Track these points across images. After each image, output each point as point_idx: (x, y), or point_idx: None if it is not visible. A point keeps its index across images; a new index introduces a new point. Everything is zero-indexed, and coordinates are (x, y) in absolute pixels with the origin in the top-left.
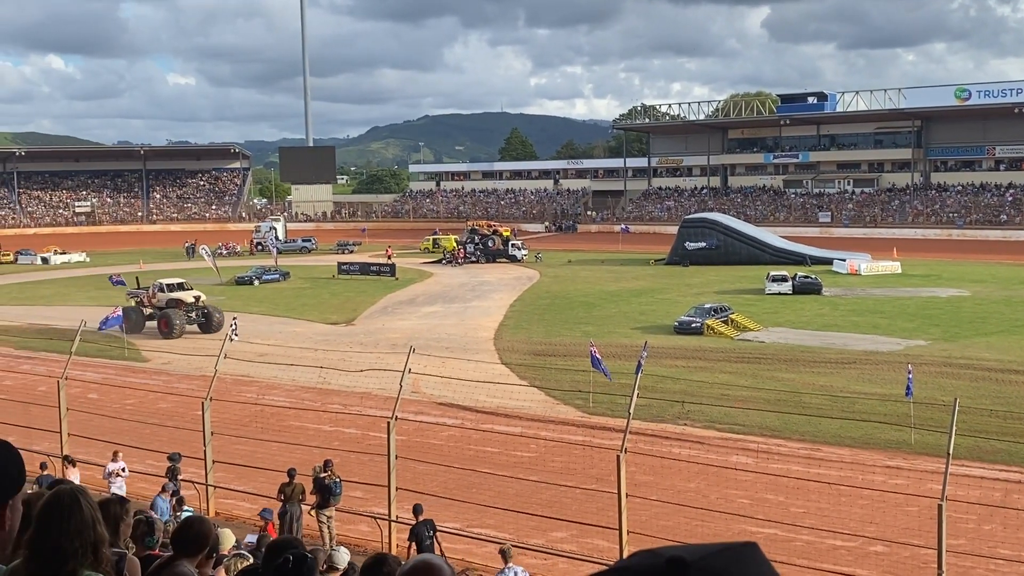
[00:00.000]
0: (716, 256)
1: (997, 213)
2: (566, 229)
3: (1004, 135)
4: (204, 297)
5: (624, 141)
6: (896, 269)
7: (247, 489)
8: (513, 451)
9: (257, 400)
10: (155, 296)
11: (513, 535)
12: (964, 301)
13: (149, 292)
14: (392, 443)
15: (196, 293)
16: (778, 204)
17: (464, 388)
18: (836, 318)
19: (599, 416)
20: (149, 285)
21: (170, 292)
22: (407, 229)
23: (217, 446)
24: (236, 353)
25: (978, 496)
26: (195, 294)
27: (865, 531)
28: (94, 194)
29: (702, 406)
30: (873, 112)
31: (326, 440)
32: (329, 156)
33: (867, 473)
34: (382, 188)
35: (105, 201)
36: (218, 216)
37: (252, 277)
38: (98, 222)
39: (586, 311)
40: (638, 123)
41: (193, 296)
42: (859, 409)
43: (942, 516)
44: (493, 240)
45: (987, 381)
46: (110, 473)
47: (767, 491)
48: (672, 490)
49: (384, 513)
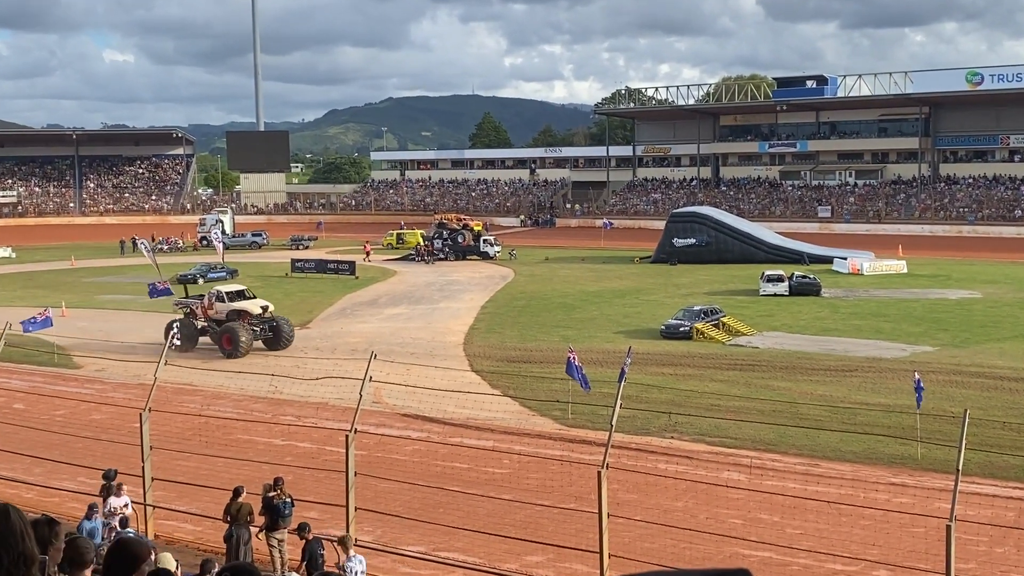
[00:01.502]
0: (706, 254)
1: (1012, 208)
2: (543, 224)
3: (1019, 123)
4: (272, 307)
5: (607, 128)
6: (901, 269)
7: (190, 509)
8: (484, 467)
9: (201, 411)
10: (212, 306)
11: (484, 559)
12: (975, 304)
13: (204, 302)
14: (351, 458)
15: (263, 302)
16: (774, 197)
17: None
18: (836, 322)
19: (578, 429)
20: (203, 294)
21: (231, 301)
22: (368, 223)
23: (157, 462)
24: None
25: (990, 516)
26: (262, 303)
27: (867, 554)
28: (20, 183)
29: (691, 417)
30: (877, 97)
31: (278, 455)
32: (282, 142)
33: (870, 491)
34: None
35: (32, 191)
36: (158, 208)
37: (196, 275)
38: (24, 214)
39: (565, 313)
40: (622, 108)
41: (260, 306)
42: (861, 421)
43: (951, 538)
44: (463, 235)
45: (1000, 391)
46: (111, 512)
47: (761, 510)
48: (658, 509)
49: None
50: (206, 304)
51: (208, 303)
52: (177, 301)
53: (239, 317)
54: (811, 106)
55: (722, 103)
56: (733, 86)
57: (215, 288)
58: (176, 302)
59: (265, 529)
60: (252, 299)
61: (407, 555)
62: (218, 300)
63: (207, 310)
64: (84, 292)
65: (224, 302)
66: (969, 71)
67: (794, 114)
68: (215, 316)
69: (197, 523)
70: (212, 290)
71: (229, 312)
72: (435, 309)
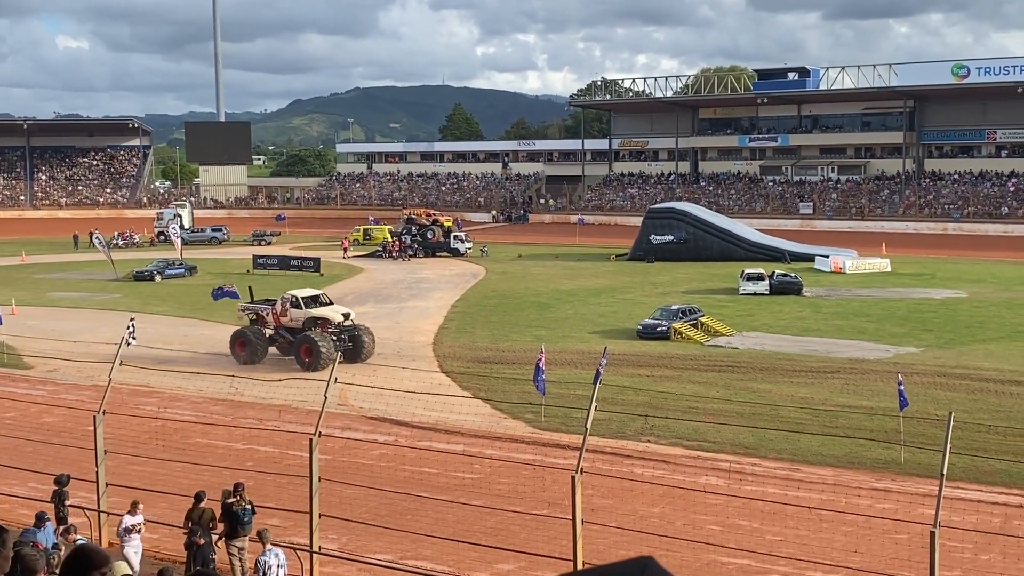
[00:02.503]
0: (685, 251)
1: (998, 205)
2: (516, 219)
3: (1006, 117)
4: (354, 315)
5: (582, 120)
6: (885, 267)
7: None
8: (454, 472)
9: (158, 413)
10: (286, 313)
11: (453, 567)
12: (960, 303)
13: (277, 308)
14: (315, 463)
15: (344, 309)
16: (754, 193)
17: (398, 400)
18: (818, 322)
19: (552, 432)
20: (273, 298)
21: (309, 308)
22: (334, 218)
23: (111, 467)
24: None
25: (975, 522)
26: (343, 310)
27: (849, 561)
28: None
29: (668, 420)
30: (861, 91)
31: (238, 460)
32: (243, 133)
33: (852, 496)
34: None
35: None
36: (114, 201)
37: (153, 272)
38: None
39: (538, 313)
40: (598, 100)
41: (341, 313)
42: (843, 424)
43: (935, 544)
44: (433, 231)
45: (985, 393)
46: (126, 530)
47: (740, 516)
48: (634, 515)
49: (305, 544)
50: (278, 310)
51: (281, 309)
52: (243, 306)
53: (317, 325)
54: (793, 99)
55: (701, 95)
56: (712, 78)
57: (289, 293)
58: (242, 307)
59: (224, 537)
60: (329, 305)
61: (373, 563)
62: (293, 306)
63: (279, 317)
64: (35, 289)
65: (300, 308)
66: (955, 64)
67: (775, 107)
68: (289, 324)
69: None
70: (285, 295)
71: (306, 320)
72: (403, 308)
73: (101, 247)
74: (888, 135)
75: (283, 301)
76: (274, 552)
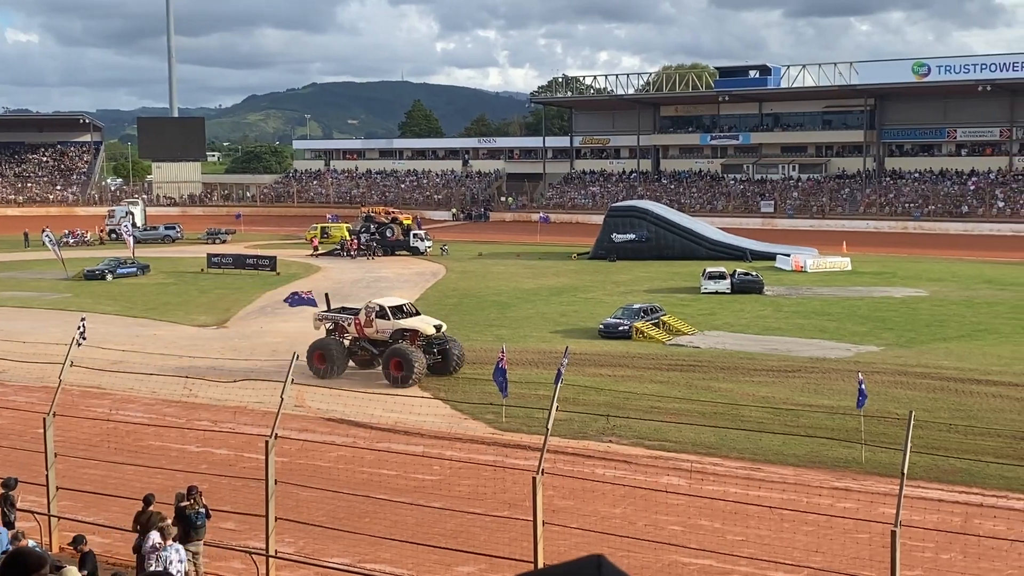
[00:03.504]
0: (646, 250)
1: (958, 204)
2: (476, 217)
3: (966, 116)
4: (445, 327)
5: (543, 117)
6: (846, 266)
7: (97, 520)
8: (413, 474)
9: (110, 416)
10: (371, 324)
11: (413, 570)
12: (921, 302)
13: (360, 318)
14: (271, 466)
15: (435, 321)
16: (716, 191)
17: (357, 401)
18: (779, 321)
19: (513, 432)
20: (355, 308)
21: (397, 318)
22: (291, 215)
23: (61, 470)
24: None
25: (936, 521)
26: (434, 322)
27: (811, 561)
28: None
29: (629, 420)
30: (821, 88)
31: (192, 463)
32: (197, 129)
33: (813, 495)
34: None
35: None
36: (64, 198)
37: (104, 270)
38: None
39: (499, 312)
40: (559, 97)
41: (433, 325)
42: (804, 423)
43: (896, 544)
44: (392, 229)
45: (946, 392)
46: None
47: (701, 516)
48: (595, 516)
49: (261, 547)
50: (362, 320)
51: (366, 319)
52: (321, 315)
53: (405, 337)
54: (754, 97)
55: (662, 93)
56: (674, 75)
57: (374, 302)
58: (319, 316)
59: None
60: (416, 315)
61: (330, 567)
62: (379, 316)
63: (363, 328)
64: None
65: (388, 319)
66: (916, 62)
67: (736, 105)
68: (375, 336)
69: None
70: (370, 304)
71: (394, 332)
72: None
73: (51, 246)
74: (849, 133)
75: (367, 311)
76: (175, 547)
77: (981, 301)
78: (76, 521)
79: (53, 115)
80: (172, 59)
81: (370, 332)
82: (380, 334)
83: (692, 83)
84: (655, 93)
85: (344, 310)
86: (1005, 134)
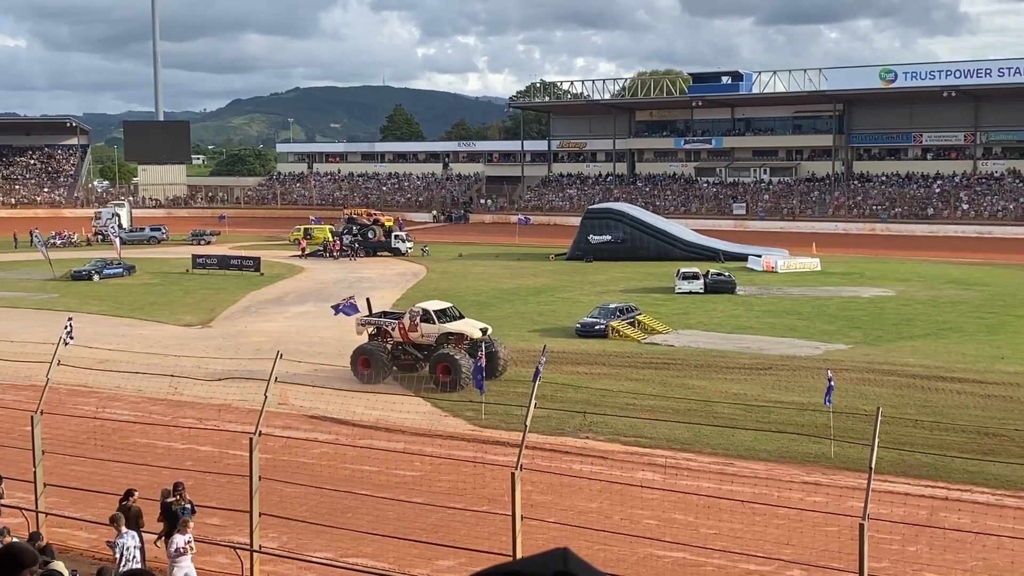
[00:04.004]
0: (622, 251)
1: (924, 206)
2: (456, 219)
3: (932, 121)
4: (491, 329)
5: (522, 122)
6: (815, 266)
7: (84, 516)
8: (395, 470)
9: (96, 413)
10: (416, 328)
11: (394, 564)
12: (888, 302)
13: (404, 322)
14: (255, 462)
15: (481, 324)
16: (689, 194)
17: (339, 399)
18: (751, 320)
19: (492, 429)
20: (398, 312)
21: (442, 322)
22: (274, 217)
23: (49, 467)
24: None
25: (903, 514)
26: (480, 325)
27: (781, 553)
28: None
29: (606, 417)
30: (792, 94)
31: (178, 459)
32: (183, 132)
33: (783, 490)
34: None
35: None
36: (51, 200)
37: (91, 271)
38: None
39: (479, 311)
40: (537, 102)
41: (479, 328)
42: (775, 419)
43: (864, 537)
44: (374, 231)
45: (912, 389)
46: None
47: (675, 510)
48: (572, 511)
49: (245, 542)
50: (406, 324)
51: (411, 323)
52: (363, 320)
53: (450, 341)
54: (726, 102)
55: (637, 98)
56: (649, 81)
57: (418, 306)
58: (362, 321)
59: (164, 536)
60: (459, 318)
61: (313, 561)
62: (424, 320)
63: (408, 332)
64: None
65: (433, 323)
66: (883, 69)
67: (709, 110)
68: (421, 340)
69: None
70: (414, 308)
71: (440, 336)
72: None
73: (40, 246)
74: (818, 138)
75: (412, 315)
76: (131, 534)
77: (946, 300)
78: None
79: (41, 119)
80: (158, 64)
81: (415, 336)
82: (425, 338)
83: (666, 89)
84: (630, 98)
85: (385, 315)
86: (969, 138)
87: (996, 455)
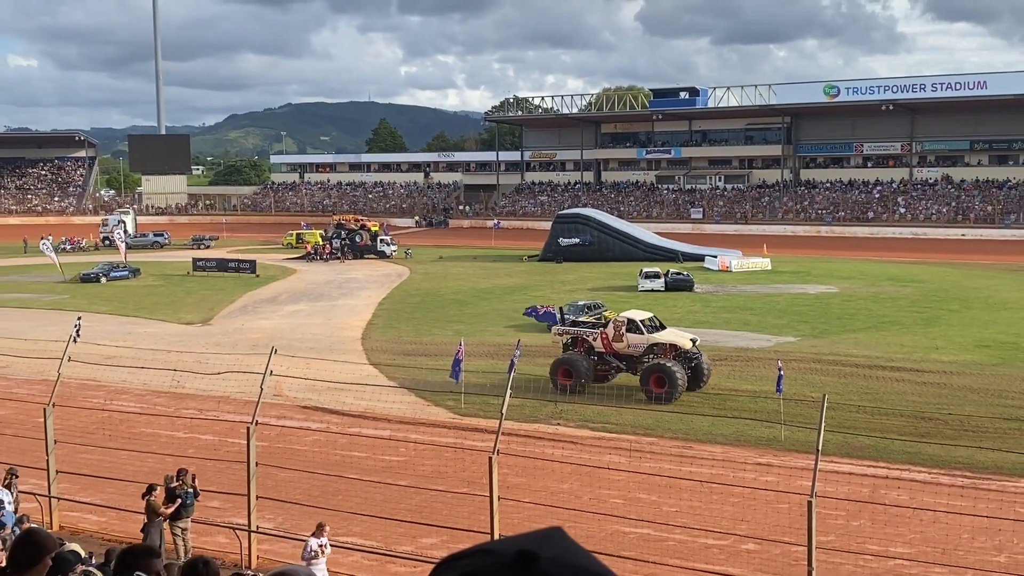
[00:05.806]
0: (590, 252)
1: (864, 210)
2: (437, 224)
3: (872, 132)
4: (699, 340)
5: (497, 134)
6: (766, 265)
7: (94, 501)
8: (381, 455)
9: (105, 405)
10: (621, 338)
11: (381, 542)
12: (832, 298)
13: (608, 332)
14: (252, 449)
15: (690, 335)
16: (651, 200)
17: (330, 390)
18: (708, 315)
19: (471, 417)
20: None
21: (650, 332)
22: (268, 223)
23: (61, 455)
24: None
25: (847, 492)
26: (690, 336)
27: (737, 529)
28: None
29: (575, 405)
30: (744, 108)
31: (180, 447)
32: (183, 145)
33: (738, 471)
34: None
35: None
36: (61, 208)
37: (99, 274)
38: None
39: (458, 309)
40: (511, 116)
41: (690, 339)
42: (731, 406)
43: (812, 513)
44: (361, 235)
45: (855, 377)
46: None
47: (640, 490)
48: (545, 492)
49: (243, 524)
50: (611, 335)
51: (615, 333)
52: (560, 329)
53: (660, 352)
54: (684, 115)
55: (603, 112)
56: (613, 96)
57: (623, 315)
58: (558, 330)
59: (168, 518)
60: (662, 328)
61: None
62: (630, 330)
63: (611, 342)
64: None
65: (641, 333)
66: (827, 84)
67: (669, 123)
68: (625, 351)
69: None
70: (619, 317)
71: (649, 346)
72: (334, 306)
73: (48, 251)
74: (768, 148)
75: (616, 324)
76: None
77: (886, 296)
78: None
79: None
80: (160, 82)
81: (620, 347)
82: (632, 348)
83: (629, 103)
84: (596, 112)
85: (576, 324)
86: (905, 148)
87: (932, 437)
